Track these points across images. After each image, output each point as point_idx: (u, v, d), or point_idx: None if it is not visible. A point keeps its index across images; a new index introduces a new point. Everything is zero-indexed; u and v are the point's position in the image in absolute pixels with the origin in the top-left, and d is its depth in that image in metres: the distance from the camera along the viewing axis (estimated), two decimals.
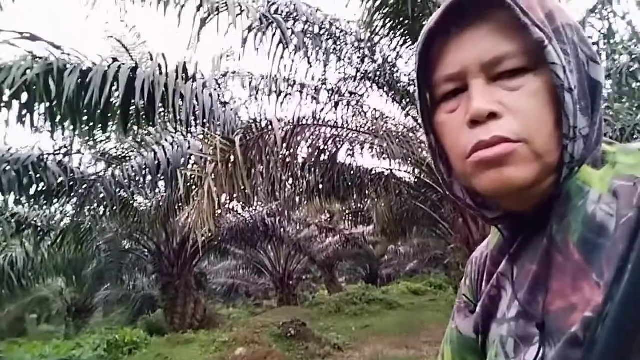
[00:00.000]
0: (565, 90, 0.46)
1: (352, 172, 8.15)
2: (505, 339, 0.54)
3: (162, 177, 6.75)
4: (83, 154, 7.33)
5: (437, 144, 0.57)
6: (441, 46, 0.52)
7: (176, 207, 7.78)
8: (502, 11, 0.48)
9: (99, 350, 7.19)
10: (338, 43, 5.89)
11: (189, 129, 4.48)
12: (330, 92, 7.22)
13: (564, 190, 0.50)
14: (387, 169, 7.22)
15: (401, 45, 5.93)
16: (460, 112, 0.51)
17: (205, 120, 4.30)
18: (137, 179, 6.75)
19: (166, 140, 6.78)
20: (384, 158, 6.46)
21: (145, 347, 7.64)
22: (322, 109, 6.85)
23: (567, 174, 0.49)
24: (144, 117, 4.65)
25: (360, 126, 7.23)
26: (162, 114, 4.58)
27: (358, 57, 6.26)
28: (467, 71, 0.50)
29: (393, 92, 6.47)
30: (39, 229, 8.30)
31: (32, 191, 6.54)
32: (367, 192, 8.80)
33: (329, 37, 5.66)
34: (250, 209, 10.89)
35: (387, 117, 6.68)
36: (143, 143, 7.10)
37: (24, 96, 4.35)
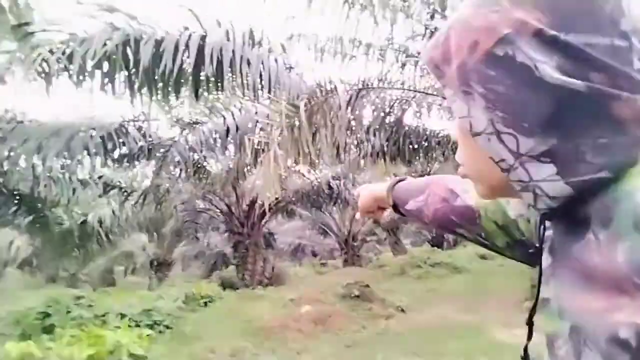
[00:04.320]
0: (475, 135, 0.45)
1: (418, 135, 7.96)
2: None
3: (232, 142, 7.02)
4: (159, 120, 7.75)
5: None
6: None
7: (245, 170, 8.08)
8: None
9: (178, 301, 7.78)
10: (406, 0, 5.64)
11: (255, 95, 4.57)
12: (397, 51, 6.98)
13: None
14: None
15: None
16: None
17: (271, 86, 4.35)
18: (208, 143, 7.07)
19: (234, 106, 6.98)
20: (452, 119, 6.24)
21: (219, 300, 8.17)
22: (389, 70, 6.67)
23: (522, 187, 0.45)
24: (213, 83, 4.81)
25: (428, 87, 6.96)
26: (230, 79, 4.69)
27: (427, 13, 5.96)
28: None
29: None
30: (123, 189, 9.04)
31: (116, 155, 7.09)
32: (433, 154, 8.59)
33: None
34: (316, 172, 11.04)
35: None
36: (213, 109, 7.35)
37: (105, 66, 4.64)
